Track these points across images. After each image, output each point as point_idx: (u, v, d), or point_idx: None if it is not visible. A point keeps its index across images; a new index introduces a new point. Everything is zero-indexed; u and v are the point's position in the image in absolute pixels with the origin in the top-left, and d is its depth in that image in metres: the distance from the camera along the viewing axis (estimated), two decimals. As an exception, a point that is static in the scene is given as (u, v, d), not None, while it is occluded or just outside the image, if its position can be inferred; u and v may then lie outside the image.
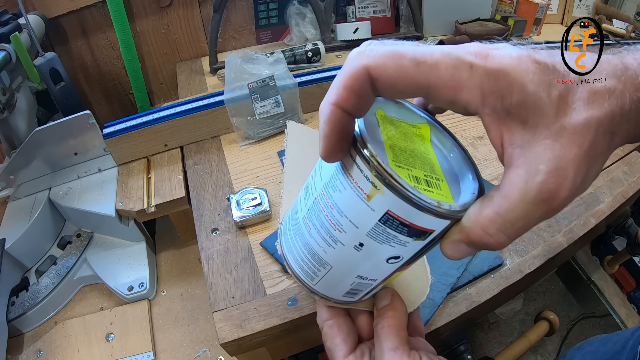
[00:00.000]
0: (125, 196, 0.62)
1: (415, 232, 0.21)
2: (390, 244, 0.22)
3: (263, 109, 0.66)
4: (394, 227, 0.21)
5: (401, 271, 0.26)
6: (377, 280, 0.27)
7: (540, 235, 0.54)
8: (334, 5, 0.92)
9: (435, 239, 0.23)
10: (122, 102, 0.95)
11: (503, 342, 0.99)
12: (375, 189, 0.20)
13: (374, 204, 0.21)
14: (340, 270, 0.26)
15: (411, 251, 0.23)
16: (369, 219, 0.21)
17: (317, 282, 0.28)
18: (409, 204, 0.20)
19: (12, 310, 0.58)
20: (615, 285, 1.00)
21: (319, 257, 0.26)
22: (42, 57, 0.64)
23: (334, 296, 0.29)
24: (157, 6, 0.84)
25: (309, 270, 0.28)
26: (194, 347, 0.61)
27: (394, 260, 0.24)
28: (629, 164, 0.66)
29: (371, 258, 0.24)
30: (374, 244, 0.23)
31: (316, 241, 0.25)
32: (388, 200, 0.20)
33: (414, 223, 0.21)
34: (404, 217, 0.20)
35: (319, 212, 0.24)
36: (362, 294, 0.28)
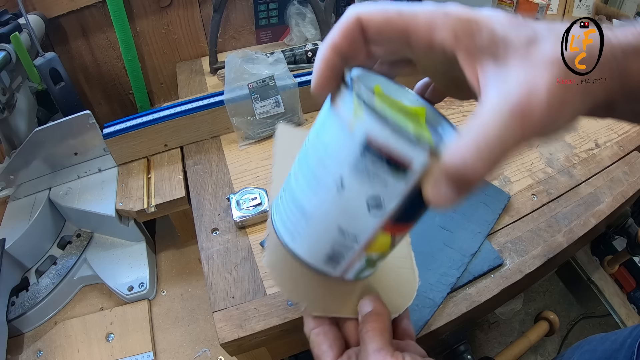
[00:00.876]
0: (125, 196, 0.62)
1: (394, 164, 0.21)
2: (370, 181, 0.21)
3: (263, 109, 0.66)
4: (372, 154, 0.21)
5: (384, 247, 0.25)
6: (359, 242, 0.25)
7: (540, 235, 0.54)
8: (334, 5, 0.92)
9: (416, 185, 0.21)
10: (122, 102, 0.95)
11: (503, 342, 0.99)
12: (356, 114, 0.21)
13: (356, 130, 0.21)
14: (321, 223, 0.25)
15: (392, 197, 0.22)
16: (351, 148, 0.21)
17: (299, 242, 0.26)
18: (387, 127, 0.20)
19: (12, 310, 0.58)
20: (615, 285, 1.00)
21: (302, 207, 0.25)
22: (42, 57, 0.64)
23: (314, 263, 0.26)
24: (157, 6, 0.84)
25: (292, 227, 0.26)
26: (194, 347, 0.61)
27: (375, 208, 0.22)
28: (629, 164, 0.66)
29: (352, 201, 0.23)
30: (354, 182, 0.22)
31: (301, 188, 0.25)
32: (368, 124, 0.20)
33: (393, 152, 0.20)
34: (383, 144, 0.20)
35: (306, 157, 0.25)
36: (344, 265, 0.26)
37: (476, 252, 0.51)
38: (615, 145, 0.69)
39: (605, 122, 0.73)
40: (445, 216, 0.54)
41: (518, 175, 0.63)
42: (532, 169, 0.64)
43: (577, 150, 0.67)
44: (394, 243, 0.26)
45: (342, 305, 0.32)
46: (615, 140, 0.70)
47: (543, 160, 0.65)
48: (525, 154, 0.66)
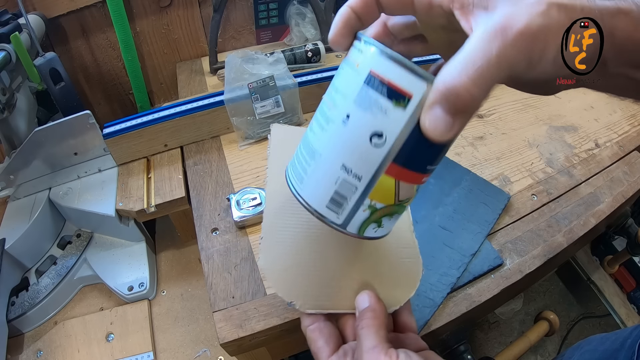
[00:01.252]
0: (125, 196, 0.62)
1: (394, 93, 0.22)
2: (372, 110, 0.23)
3: (263, 109, 0.66)
4: (376, 86, 0.23)
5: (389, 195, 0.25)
6: (362, 181, 0.25)
7: (540, 235, 0.54)
8: (334, 5, 0.92)
9: (416, 121, 0.22)
10: (122, 102, 0.95)
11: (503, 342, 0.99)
12: (361, 53, 0.24)
13: (360, 67, 0.23)
14: (327, 159, 0.25)
15: (393, 128, 0.23)
16: (356, 83, 0.23)
17: (305, 184, 0.27)
18: (388, 59, 0.22)
19: (12, 310, 0.58)
20: (615, 285, 1.00)
21: (312, 147, 0.26)
22: (42, 57, 0.64)
23: (317, 207, 0.26)
24: (157, 6, 0.84)
25: (301, 170, 0.27)
26: (194, 347, 0.61)
27: (377, 139, 0.23)
28: (629, 164, 0.66)
29: (355, 135, 0.24)
30: (358, 112, 0.23)
31: (314, 133, 0.26)
32: (371, 59, 0.23)
33: (393, 82, 0.22)
34: (384, 74, 0.22)
35: (321, 105, 0.26)
36: (347, 209, 0.26)
37: (476, 252, 0.51)
38: (615, 145, 0.69)
39: (605, 122, 0.73)
40: (445, 216, 0.54)
41: (518, 175, 0.63)
42: (532, 169, 0.64)
43: (577, 150, 0.67)
44: (398, 195, 0.25)
45: (337, 301, 0.32)
46: (615, 140, 0.70)
47: (543, 160, 0.65)
48: (525, 153, 0.66)
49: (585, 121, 0.74)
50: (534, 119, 0.74)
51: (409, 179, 0.25)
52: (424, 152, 0.24)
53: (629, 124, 0.73)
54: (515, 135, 0.70)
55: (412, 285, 0.34)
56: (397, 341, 0.32)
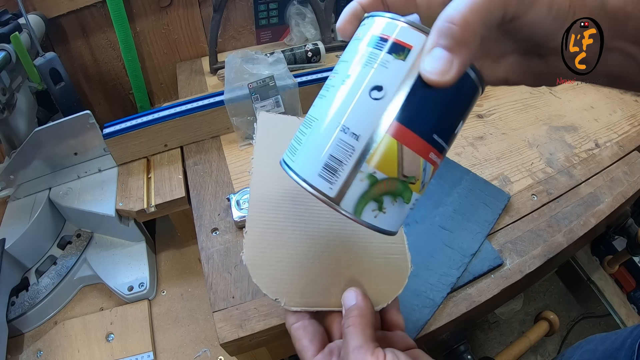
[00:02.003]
0: (125, 196, 0.62)
1: (394, 46, 0.22)
2: (373, 66, 0.23)
3: (263, 109, 0.66)
4: (375, 43, 0.23)
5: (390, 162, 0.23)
6: (361, 141, 0.22)
7: (540, 235, 0.54)
8: (334, 5, 0.92)
9: (415, 65, 0.22)
10: (122, 102, 0.95)
11: (503, 342, 0.99)
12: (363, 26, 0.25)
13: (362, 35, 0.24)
14: (323, 122, 0.23)
15: (393, 79, 0.22)
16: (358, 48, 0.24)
17: (297, 154, 0.24)
18: (388, 19, 0.23)
19: (12, 310, 0.58)
20: (615, 285, 1.00)
21: (309, 117, 0.25)
22: (42, 57, 0.64)
23: (308, 176, 0.23)
24: (157, 6, 0.84)
25: (295, 142, 0.25)
26: (194, 347, 0.61)
27: (377, 92, 0.22)
28: (629, 164, 0.66)
29: (354, 89, 0.23)
30: (358, 70, 0.23)
31: (313, 105, 0.25)
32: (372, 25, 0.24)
33: (392, 36, 0.23)
34: (384, 32, 0.23)
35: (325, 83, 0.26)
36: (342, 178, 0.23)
37: (476, 252, 0.51)
38: (615, 145, 0.69)
39: (605, 122, 0.73)
40: (445, 216, 0.54)
41: (518, 175, 0.63)
42: (532, 169, 0.64)
43: (577, 150, 0.67)
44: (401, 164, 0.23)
45: (324, 299, 0.31)
46: (615, 140, 0.70)
47: (543, 160, 0.65)
48: (525, 153, 0.66)
49: (585, 121, 0.74)
50: (534, 119, 0.74)
51: (413, 144, 0.22)
52: (428, 112, 0.23)
53: (629, 124, 0.73)
54: (515, 135, 0.70)
55: (400, 282, 0.33)
56: (384, 340, 0.32)
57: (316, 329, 0.31)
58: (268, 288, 0.31)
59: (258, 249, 0.32)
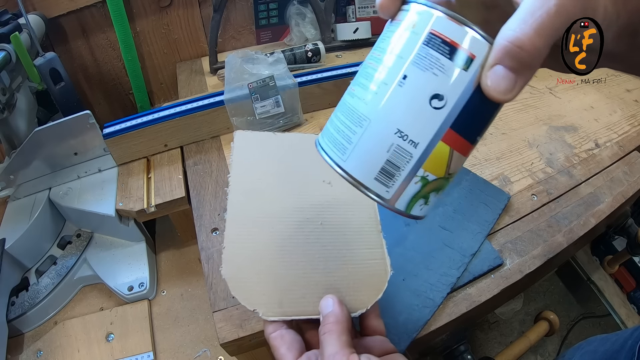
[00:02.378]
0: (125, 196, 0.62)
1: (457, 53, 0.22)
2: (433, 71, 0.22)
3: (263, 109, 0.66)
4: (437, 46, 0.22)
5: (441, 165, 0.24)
6: (419, 148, 0.23)
7: (540, 235, 0.54)
8: (334, 5, 0.92)
9: (476, 75, 0.22)
10: (122, 102, 0.95)
11: (503, 342, 0.99)
12: (418, 15, 0.22)
13: (418, 28, 0.22)
14: (378, 124, 0.23)
15: (455, 89, 0.22)
16: (413, 43, 0.22)
17: (349, 153, 0.24)
18: (451, 19, 0.21)
19: (12, 310, 0.58)
20: (615, 285, 1.00)
21: (358, 114, 0.24)
22: (42, 57, 0.64)
23: (364, 179, 0.24)
24: (157, 6, 0.84)
25: (343, 139, 0.24)
26: (194, 347, 0.61)
27: (437, 102, 0.22)
28: (629, 164, 0.66)
29: (414, 96, 0.22)
30: (417, 73, 0.22)
31: (357, 96, 0.24)
32: (432, 20, 0.22)
33: (455, 41, 0.21)
34: (446, 33, 0.22)
35: (364, 69, 0.25)
36: (398, 182, 0.24)
37: (476, 252, 0.51)
38: (615, 145, 0.69)
39: (605, 122, 0.73)
40: (445, 216, 0.54)
41: (518, 175, 0.63)
42: (532, 169, 0.64)
43: (577, 150, 0.67)
44: (449, 166, 0.24)
45: (301, 307, 0.32)
46: (615, 140, 0.70)
47: (543, 160, 0.65)
48: (525, 153, 0.66)
49: (585, 121, 0.74)
50: (534, 119, 0.74)
51: (461, 148, 0.24)
52: (479, 119, 0.23)
53: (629, 124, 0.73)
54: (515, 135, 0.70)
55: (379, 287, 0.33)
56: (363, 345, 0.32)
57: (294, 338, 0.31)
58: (246, 300, 0.32)
59: (235, 264, 0.33)
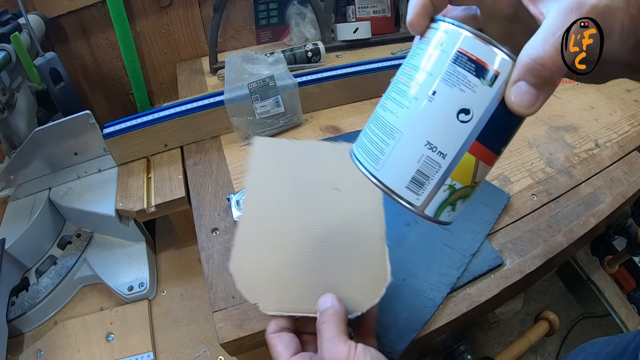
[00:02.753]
0: (125, 196, 0.62)
1: (482, 70, 0.23)
2: (461, 88, 0.23)
3: (263, 109, 0.66)
4: (464, 64, 0.23)
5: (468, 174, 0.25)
6: (447, 159, 0.25)
7: (540, 235, 0.54)
8: (334, 5, 0.92)
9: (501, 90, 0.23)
10: (122, 102, 0.95)
11: (503, 342, 0.99)
12: (446, 34, 0.24)
13: (446, 46, 0.24)
14: (409, 137, 0.25)
15: (480, 104, 0.24)
16: (443, 61, 0.24)
17: (382, 164, 0.26)
18: (478, 39, 0.23)
19: (12, 310, 0.58)
20: (615, 285, 1.00)
21: (390, 126, 0.26)
22: (42, 57, 0.64)
23: (396, 188, 0.26)
24: (157, 6, 0.84)
25: (376, 150, 0.26)
26: (194, 347, 0.61)
27: (464, 116, 0.24)
28: (629, 164, 0.66)
29: (442, 111, 0.24)
30: (446, 89, 0.24)
31: (390, 110, 0.26)
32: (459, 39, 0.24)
33: (481, 59, 0.23)
34: (473, 53, 0.23)
35: (395, 84, 0.27)
36: (428, 190, 0.26)
37: (476, 252, 0.51)
38: (615, 145, 0.69)
39: (605, 122, 0.73)
40: (445, 216, 0.54)
41: (518, 175, 0.63)
42: (532, 169, 0.64)
43: (577, 150, 0.67)
44: (475, 176, 0.26)
45: (300, 305, 0.34)
46: (615, 140, 0.70)
47: (543, 160, 0.65)
48: (525, 153, 0.66)
49: (585, 121, 0.74)
50: (534, 119, 0.74)
51: (487, 159, 0.25)
52: (503, 131, 0.25)
53: (629, 124, 0.73)
54: (516, 135, 0.70)
55: (377, 292, 0.34)
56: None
57: (291, 338, 0.33)
58: (248, 294, 0.34)
59: (243, 261, 0.36)
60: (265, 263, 0.36)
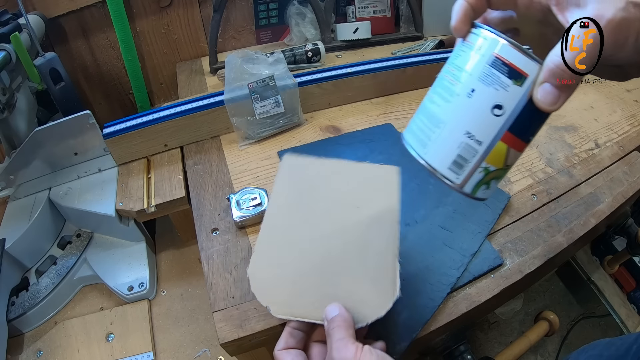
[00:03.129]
0: (125, 196, 0.62)
1: (514, 73, 0.27)
2: (495, 87, 0.28)
3: (263, 109, 0.66)
4: (499, 67, 0.28)
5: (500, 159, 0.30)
6: (482, 146, 0.29)
7: (540, 235, 0.54)
8: (334, 5, 0.92)
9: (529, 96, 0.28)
10: (122, 102, 0.95)
11: (503, 342, 0.99)
12: (485, 40, 0.29)
13: (485, 51, 0.28)
14: (452, 126, 0.30)
15: (511, 101, 0.28)
16: (481, 64, 0.28)
17: (428, 148, 0.31)
18: (511, 46, 0.27)
19: (12, 310, 0.58)
20: (615, 285, 1.00)
21: (436, 118, 0.30)
22: (42, 57, 0.64)
23: (440, 168, 0.31)
24: (157, 6, 0.84)
25: (424, 137, 0.31)
26: (194, 347, 0.61)
27: (498, 110, 0.28)
28: (629, 164, 0.66)
29: (479, 106, 0.29)
30: (483, 88, 0.28)
31: (436, 103, 0.31)
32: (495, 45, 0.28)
33: (513, 63, 0.27)
34: (507, 58, 0.28)
35: (441, 80, 0.31)
36: (466, 171, 0.30)
37: (476, 252, 0.51)
38: (615, 145, 0.69)
39: (605, 122, 0.73)
40: (445, 216, 0.54)
41: (518, 175, 0.63)
42: (532, 169, 0.64)
43: (577, 150, 0.67)
44: (506, 160, 0.30)
45: (309, 312, 0.36)
46: (615, 140, 0.70)
47: (543, 160, 0.65)
48: (525, 153, 0.66)
49: (585, 121, 0.74)
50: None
51: (517, 146, 0.30)
52: (531, 123, 0.29)
53: (629, 124, 0.73)
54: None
55: (383, 306, 0.35)
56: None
57: (299, 353, 0.35)
58: (262, 297, 0.36)
59: (259, 266, 0.38)
60: (280, 270, 0.38)
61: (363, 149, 0.65)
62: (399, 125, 0.70)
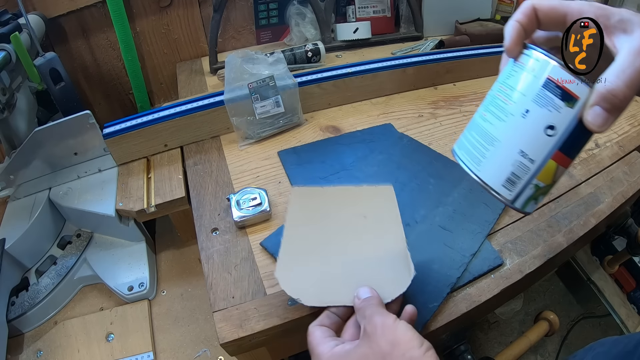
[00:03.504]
0: (125, 196, 0.62)
1: (567, 95, 0.29)
2: (548, 108, 0.29)
3: (263, 109, 0.66)
4: (552, 89, 0.29)
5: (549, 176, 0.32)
6: (534, 164, 0.31)
7: (540, 235, 0.54)
8: (334, 5, 0.92)
9: (579, 117, 0.29)
10: (122, 102, 0.95)
11: (503, 342, 0.99)
12: (537, 62, 0.30)
13: (538, 73, 0.30)
14: (506, 145, 0.31)
15: (563, 122, 0.29)
16: (534, 85, 0.30)
17: (482, 165, 0.33)
18: (563, 68, 0.29)
19: (12, 310, 0.58)
20: (615, 285, 1.00)
21: (490, 136, 0.32)
22: (42, 57, 0.64)
23: (494, 185, 0.32)
24: (157, 6, 0.84)
25: (478, 154, 0.33)
26: (194, 347, 0.61)
27: (550, 131, 0.30)
28: (629, 164, 0.66)
29: (533, 126, 0.30)
30: (536, 109, 0.30)
31: (489, 122, 0.32)
32: (549, 68, 0.29)
33: (566, 86, 0.29)
34: (559, 79, 0.29)
35: (493, 99, 0.33)
36: (518, 188, 0.32)
37: (476, 252, 0.51)
38: (615, 145, 0.69)
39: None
40: (445, 216, 0.54)
41: (518, 175, 0.63)
42: (532, 169, 0.64)
43: (577, 150, 0.67)
44: (555, 177, 0.32)
45: (336, 298, 0.39)
46: (615, 140, 0.70)
47: (543, 160, 0.65)
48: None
49: (585, 121, 0.74)
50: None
51: (564, 163, 0.32)
52: (579, 142, 0.31)
53: (629, 124, 0.73)
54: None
55: (404, 283, 0.40)
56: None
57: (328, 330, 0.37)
58: (291, 292, 0.40)
59: (285, 267, 0.42)
60: (305, 269, 0.42)
61: (363, 149, 0.65)
62: (399, 125, 0.70)
